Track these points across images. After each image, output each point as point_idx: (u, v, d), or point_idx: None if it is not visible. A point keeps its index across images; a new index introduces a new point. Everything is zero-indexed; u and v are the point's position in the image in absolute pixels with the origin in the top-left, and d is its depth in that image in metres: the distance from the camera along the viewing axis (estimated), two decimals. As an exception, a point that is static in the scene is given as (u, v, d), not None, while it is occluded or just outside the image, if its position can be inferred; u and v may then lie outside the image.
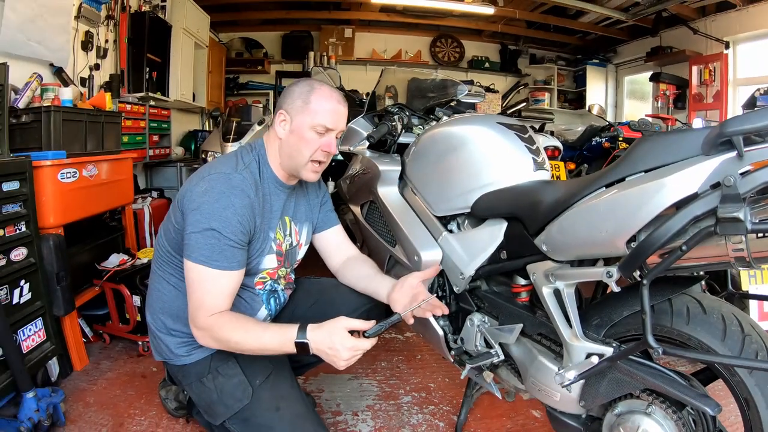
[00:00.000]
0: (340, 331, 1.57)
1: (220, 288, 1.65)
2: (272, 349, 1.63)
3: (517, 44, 10.02)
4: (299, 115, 1.77)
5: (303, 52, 8.99)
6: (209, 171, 1.74)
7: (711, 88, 6.88)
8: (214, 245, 1.62)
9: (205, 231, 1.62)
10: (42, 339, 2.48)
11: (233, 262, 1.66)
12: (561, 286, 1.55)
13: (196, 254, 1.63)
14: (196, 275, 1.64)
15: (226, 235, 1.63)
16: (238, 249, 1.67)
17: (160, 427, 2.29)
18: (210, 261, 1.62)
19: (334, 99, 1.80)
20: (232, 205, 1.65)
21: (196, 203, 1.65)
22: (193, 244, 1.63)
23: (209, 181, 1.69)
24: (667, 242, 1.20)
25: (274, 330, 1.63)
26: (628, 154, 1.38)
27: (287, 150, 1.82)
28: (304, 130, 1.77)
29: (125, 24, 4.95)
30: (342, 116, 1.82)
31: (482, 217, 1.96)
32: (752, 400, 1.27)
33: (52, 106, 2.97)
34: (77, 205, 2.87)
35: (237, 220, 1.65)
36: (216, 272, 1.63)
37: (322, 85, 1.82)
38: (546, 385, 1.66)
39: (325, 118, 1.76)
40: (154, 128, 5.40)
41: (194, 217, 1.63)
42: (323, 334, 1.57)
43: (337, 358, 1.57)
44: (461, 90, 2.86)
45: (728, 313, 1.36)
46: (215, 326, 1.62)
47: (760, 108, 1.06)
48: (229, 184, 1.68)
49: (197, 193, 1.67)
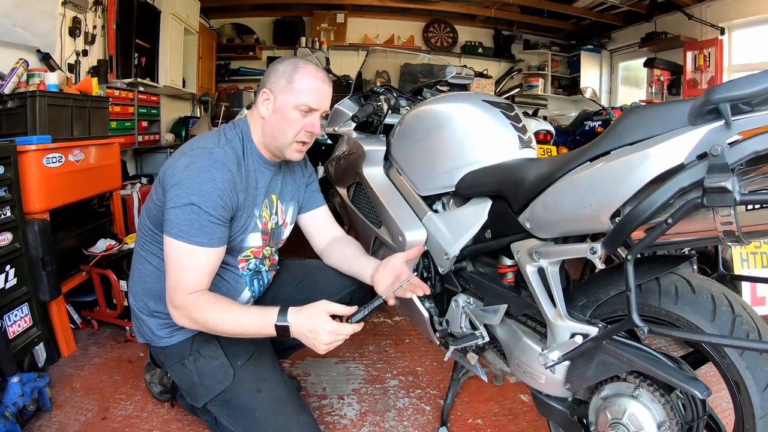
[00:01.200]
0: (321, 315, 1.57)
1: (198, 264, 1.62)
2: (251, 332, 1.62)
3: (510, 29, 9.95)
4: (282, 95, 1.74)
5: (295, 37, 8.92)
6: (191, 146, 1.71)
7: (706, 74, 6.84)
8: (193, 220, 1.59)
9: (185, 206, 1.59)
10: (28, 324, 2.46)
11: (213, 238, 1.63)
12: (545, 264, 1.51)
13: (175, 229, 1.60)
14: (174, 251, 1.61)
15: (206, 210, 1.60)
16: (218, 225, 1.64)
17: (145, 411, 2.28)
18: (189, 236, 1.59)
19: (319, 78, 1.77)
20: (213, 179, 1.62)
21: (176, 178, 1.62)
22: (173, 219, 1.60)
23: (190, 156, 1.66)
24: (652, 216, 1.17)
25: (254, 312, 1.63)
26: (612, 127, 1.35)
27: (270, 130, 1.79)
28: (287, 109, 1.74)
29: (113, 9, 4.90)
30: (326, 96, 1.79)
31: (467, 195, 1.93)
32: (743, 383, 1.23)
33: (37, 91, 2.93)
34: (63, 190, 2.83)
35: (218, 194, 1.62)
36: (194, 248, 1.60)
37: (306, 63, 1.79)
38: (531, 367, 1.63)
39: (309, 98, 1.73)
40: (143, 114, 5.33)
41: (174, 192, 1.61)
42: (304, 317, 1.57)
43: (318, 342, 1.56)
44: (449, 71, 2.83)
45: (718, 293, 1.32)
46: (192, 305, 1.59)
47: (748, 75, 1.02)
48: (211, 159, 1.65)
49: (178, 168, 1.64)
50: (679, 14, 7.09)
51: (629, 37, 8.61)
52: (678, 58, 7.27)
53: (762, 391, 1.21)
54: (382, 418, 2.28)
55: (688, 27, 7.06)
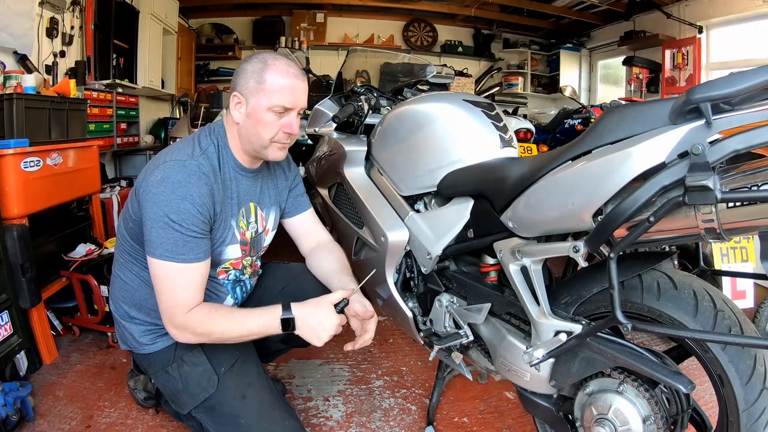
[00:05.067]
0: (327, 306, 1.64)
1: (190, 281, 1.58)
2: (257, 332, 1.64)
3: (490, 29, 10.00)
4: (254, 97, 1.65)
5: (274, 37, 8.83)
6: (164, 158, 1.63)
7: (684, 72, 6.91)
8: (177, 239, 1.54)
9: (165, 225, 1.54)
10: (8, 333, 2.39)
11: (199, 252, 1.59)
12: (528, 263, 1.53)
13: (159, 250, 1.55)
14: (163, 271, 1.57)
15: (186, 226, 1.55)
16: (201, 239, 1.60)
17: (130, 418, 2.25)
18: (175, 255, 1.55)
19: (290, 75, 1.66)
20: (189, 195, 1.56)
21: (151, 194, 1.55)
22: (155, 240, 1.55)
23: (164, 169, 1.59)
24: (634, 214, 1.18)
25: (257, 313, 1.64)
26: (594, 127, 1.36)
27: (246, 135, 1.72)
28: (261, 112, 1.65)
29: (91, 10, 4.82)
30: (301, 92, 1.69)
31: (449, 195, 1.94)
32: (726, 376, 1.26)
33: (14, 94, 2.87)
34: (42, 195, 2.78)
35: (196, 210, 1.57)
36: (182, 266, 1.56)
37: (276, 59, 1.69)
38: (515, 365, 1.64)
39: (282, 98, 1.64)
40: (122, 116, 5.24)
41: (151, 210, 1.55)
42: (309, 308, 1.64)
43: (324, 332, 1.62)
44: (430, 71, 2.84)
45: (700, 288, 1.34)
46: (194, 322, 1.58)
47: (728, 75, 1.03)
48: (185, 173, 1.58)
49: (152, 182, 1.57)
50: (657, 13, 7.15)
51: (608, 35, 8.67)
52: (657, 57, 7.35)
53: (745, 384, 1.24)
54: (368, 419, 2.28)
55: (666, 26, 7.12)
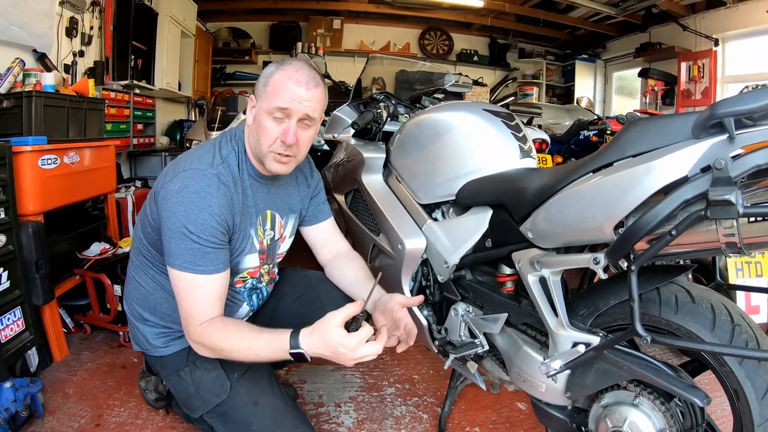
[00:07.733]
0: (334, 331, 1.41)
1: (207, 293, 1.56)
2: (267, 359, 1.53)
3: (506, 38, 10.02)
4: (260, 100, 1.62)
5: (291, 42, 8.89)
6: (183, 166, 1.60)
7: (699, 85, 6.89)
8: (195, 249, 1.52)
9: (183, 236, 1.52)
10: (21, 329, 2.43)
11: (218, 263, 1.57)
12: (547, 274, 1.52)
13: (178, 261, 1.53)
14: (182, 282, 1.55)
15: (205, 237, 1.53)
16: (219, 249, 1.58)
17: (140, 419, 2.25)
18: (193, 266, 1.53)
19: (294, 80, 1.57)
20: (209, 206, 1.54)
21: (170, 203, 1.53)
22: (174, 250, 1.54)
23: (182, 178, 1.56)
24: (656, 227, 1.18)
25: (267, 339, 1.50)
26: (616, 139, 1.36)
27: (251, 140, 1.69)
28: (262, 116, 1.60)
29: (111, 10, 4.87)
30: (305, 99, 1.58)
31: (467, 204, 1.94)
32: (742, 391, 1.25)
33: (33, 92, 2.92)
34: (58, 193, 2.80)
35: (215, 221, 1.55)
36: (200, 277, 1.54)
37: (289, 64, 1.62)
38: (531, 375, 1.63)
39: (279, 101, 1.56)
40: (139, 117, 5.30)
41: (170, 221, 1.53)
42: (316, 340, 1.43)
43: (345, 360, 1.43)
44: (448, 79, 2.84)
45: (717, 302, 1.34)
46: (205, 336, 1.54)
47: (751, 90, 1.03)
48: (204, 182, 1.56)
49: (171, 191, 1.54)
50: (673, 25, 7.14)
51: (624, 47, 8.66)
52: (672, 69, 7.33)
53: (761, 399, 1.24)
54: (379, 426, 2.27)
55: (682, 38, 7.11)
